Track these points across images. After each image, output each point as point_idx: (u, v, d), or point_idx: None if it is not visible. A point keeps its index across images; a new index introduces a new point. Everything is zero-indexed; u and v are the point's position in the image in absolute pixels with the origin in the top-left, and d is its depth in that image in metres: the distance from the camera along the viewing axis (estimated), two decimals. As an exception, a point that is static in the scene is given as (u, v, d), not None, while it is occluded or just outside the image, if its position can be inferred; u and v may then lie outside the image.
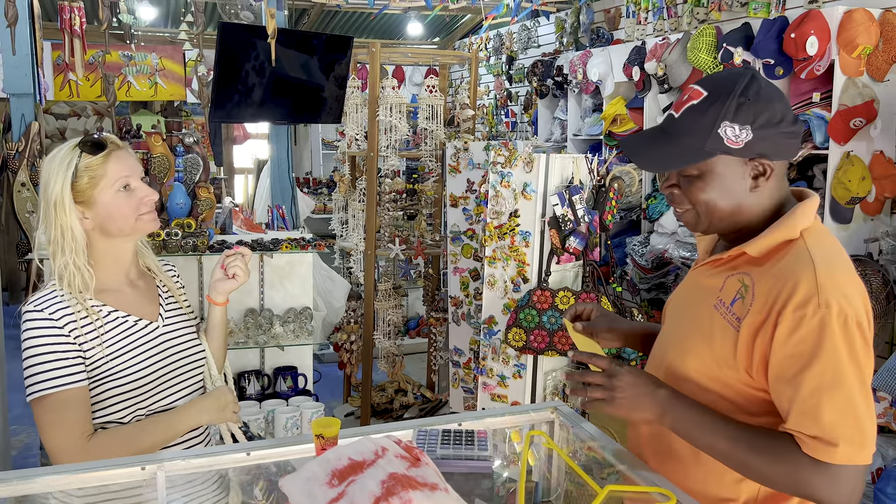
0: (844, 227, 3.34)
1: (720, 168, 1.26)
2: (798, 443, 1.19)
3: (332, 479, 1.17)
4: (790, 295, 1.19)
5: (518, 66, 6.67)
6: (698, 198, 1.29)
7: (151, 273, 1.75)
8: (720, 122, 1.23)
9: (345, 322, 4.41)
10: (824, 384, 1.16)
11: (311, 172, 8.69)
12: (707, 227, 1.33)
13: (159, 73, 6.76)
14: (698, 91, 1.27)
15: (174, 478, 1.37)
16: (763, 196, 1.28)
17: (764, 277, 1.24)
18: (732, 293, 1.28)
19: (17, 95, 3.84)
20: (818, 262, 1.21)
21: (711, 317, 1.30)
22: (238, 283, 1.75)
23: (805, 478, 1.18)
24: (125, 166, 1.59)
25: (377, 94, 3.96)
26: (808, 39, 3.32)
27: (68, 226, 1.54)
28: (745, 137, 1.23)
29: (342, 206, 4.47)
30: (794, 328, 1.18)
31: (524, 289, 2.97)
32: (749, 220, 1.30)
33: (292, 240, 3.48)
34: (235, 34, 3.85)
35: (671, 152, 1.28)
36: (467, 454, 1.37)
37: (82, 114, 8.29)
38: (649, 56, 4.35)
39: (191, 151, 3.42)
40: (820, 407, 1.16)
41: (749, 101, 1.22)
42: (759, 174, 1.27)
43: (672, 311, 1.50)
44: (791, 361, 1.18)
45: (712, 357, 1.29)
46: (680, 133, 1.27)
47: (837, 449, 1.16)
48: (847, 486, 1.17)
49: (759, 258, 1.27)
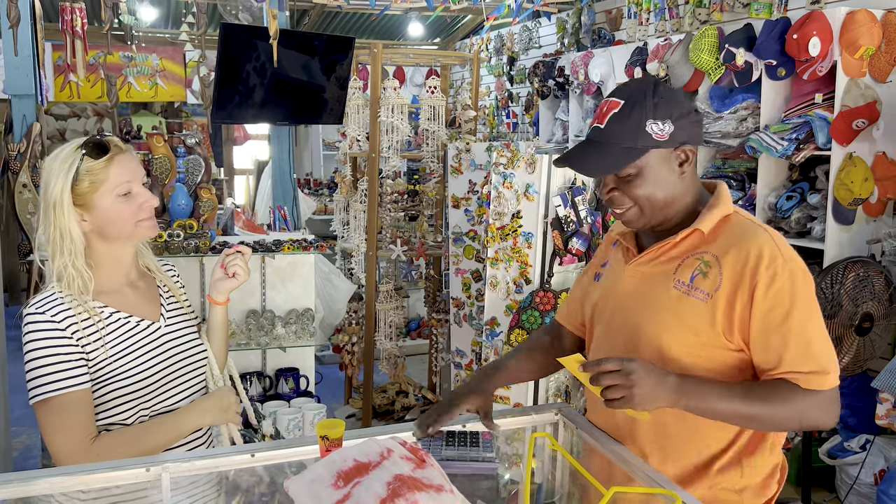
0: (847, 228, 3.34)
1: (653, 161, 1.40)
2: (796, 383, 1.35)
3: (338, 480, 1.16)
4: (759, 256, 1.35)
5: (519, 67, 6.67)
6: (638, 194, 1.42)
7: (152, 273, 1.74)
8: (645, 121, 1.38)
9: (346, 323, 4.40)
10: (806, 324, 1.35)
11: (312, 173, 8.69)
12: (649, 219, 1.45)
13: (160, 74, 6.76)
14: (615, 101, 1.41)
15: (178, 479, 1.37)
16: (688, 184, 1.45)
17: (726, 252, 1.39)
18: (690, 271, 1.41)
19: (19, 96, 3.83)
20: (765, 227, 1.42)
21: (674, 297, 1.42)
22: (238, 281, 1.74)
23: (808, 409, 1.35)
24: (127, 171, 1.58)
25: (379, 95, 3.95)
26: (811, 40, 3.31)
27: (67, 228, 1.53)
28: (669, 129, 1.39)
29: (343, 207, 4.46)
30: (769, 283, 1.34)
31: (526, 290, 2.97)
32: (679, 208, 1.45)
33: (294, 241, 3.48)
34: (237, 35, 3.85)
35: (609, 157, 1.40)
36: (472, 455, 1.37)
37: (82, 115, 8.28)
38: (651, 57, 4.35)
39: (192, 152, 3.42)
40: (810, 344, 1.35)
41: (662, 99, 1.39)
42: (684, 161, 1.43)
43: (615, 307, 1.53)
44: (775, 312, 1.34)
45: (688, 330, 1.40)
46: (611, 139, 1.40)
47: (829, 376, 1.35)
48: (836, 406, 1.38)
49: (708, 235, 1.42)
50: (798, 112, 3.54)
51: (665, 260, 1.46)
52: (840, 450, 3.33)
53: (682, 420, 1.44)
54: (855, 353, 3.03)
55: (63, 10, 3.72)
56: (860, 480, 3.16)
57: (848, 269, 3.00)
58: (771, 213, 3.63)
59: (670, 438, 1.47)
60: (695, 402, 1.34)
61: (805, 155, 3.40)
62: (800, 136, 3.42)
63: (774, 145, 3.47)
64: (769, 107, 3.68)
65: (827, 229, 3.34)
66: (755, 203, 3.72)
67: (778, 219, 3.58)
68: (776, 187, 3.69)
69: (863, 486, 3.17)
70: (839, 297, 2.96)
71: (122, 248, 1.63)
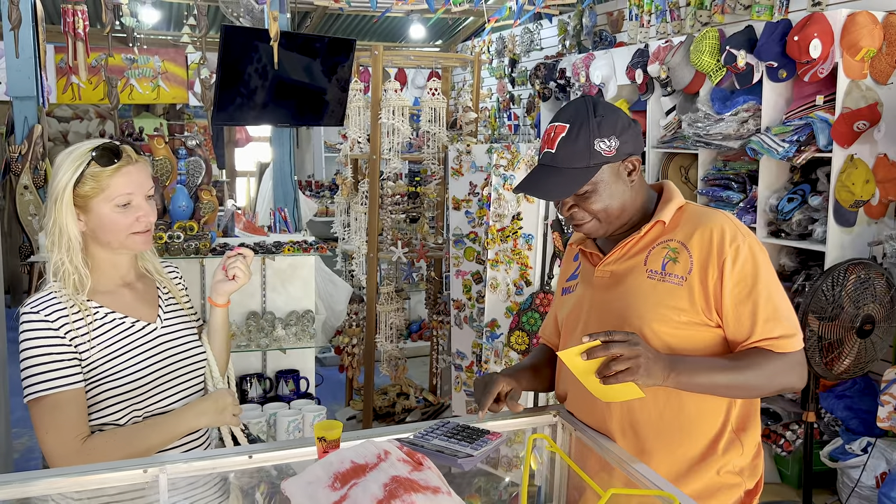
0: (848, 230, 3.33)
1: (605, 176, 1.49)
2: (768, 349, 1.44)
3: (335, 481, 1.16)
4: (721, 235, 1.46)
5: (520, 69, 6.67)
6: (596, 208, 1.51)
7: (151, 275, 1.74)
8: (593, 140, 1.46)
9: (347, 325, 4.40)
10: (771, 291, 1.46)
11: (314, 175, 8.70)
12: (607, 229, 1.55)
13: (161, 76, 6.78)
14: (562, 126, 1.49)
15: (176, 480, 1.36)
16: (637, 189, 1.55)
17: (689, 235, 1.49)
18: (659, 259, 1.50)
19: (21, 98, 3.84)
20: (719, 211, 1.54)
21: (650, 285, 1.50)
22: (239, 284, 1.74)
23: (782, 372, 1.45)
24: (131, 183, 1.57)
25: (380, 97, 3.96)
26: (812, 42, 3.31)
27: (64, 225, 1.54)
28: (615, 144, 1.48)
29: (344, 209, 4.46)
30: (735, 258, 1.45)
31: (527, 292, 2.97)
32: (634, 213, 1.56)
33: (294, 243, 3.48)
34: (238, 37, 3.85)
35: (565, 179, 1.49)
36: (453, 449, 1.36)
37: (84, 117, 8.30)
38: (652, 59, 4.35)
39: (193, 154, 3.43)
40: (777, 310, 1.45)
41: (604, 117, 1.48)
42: (632, 170, 1.52)
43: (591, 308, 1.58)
44: (742, 284, 1.45)
45: (670, 310, 1.47)
46: (564, 163, 1.48)
47: (795, 338, 1.46)
48: (804, 366, 1.49)
49: (668, 225, 1.53)
50: (799, 114, 3.53)
51: (632, 254, 1.55)
52: (841, 452, 3.32)
53: (678, 409, 1.49)
54: (856, 356, 3.02)
55: (65, 12, 3.73)
56: (862, 483, 3.15)
57: (849, 271, 2.99)
58: (772, 215, 3.63)
59: (670, 430, 1.50)
60: (686, 378, 1.41)
61: (806, 157, 3.40)
62: (801, 137, 3.41)
63: (775, 147, 3.46)
64: (770, 109, 3.68)
65: (828, 231, 3.33)
66: (756, 205, 3.71)
67: (779, 221, 3.58)
68: (777, 189, 3.68)
69: (864, 488, 3.16)
70: (840, 300, 2.96)
71: (117, 253, 1.63)
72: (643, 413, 1.51)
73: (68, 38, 3.87)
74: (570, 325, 1.65)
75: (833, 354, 2.98)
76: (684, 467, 1.50)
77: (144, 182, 1.61)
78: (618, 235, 1.58)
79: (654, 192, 1.61)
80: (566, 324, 1.66)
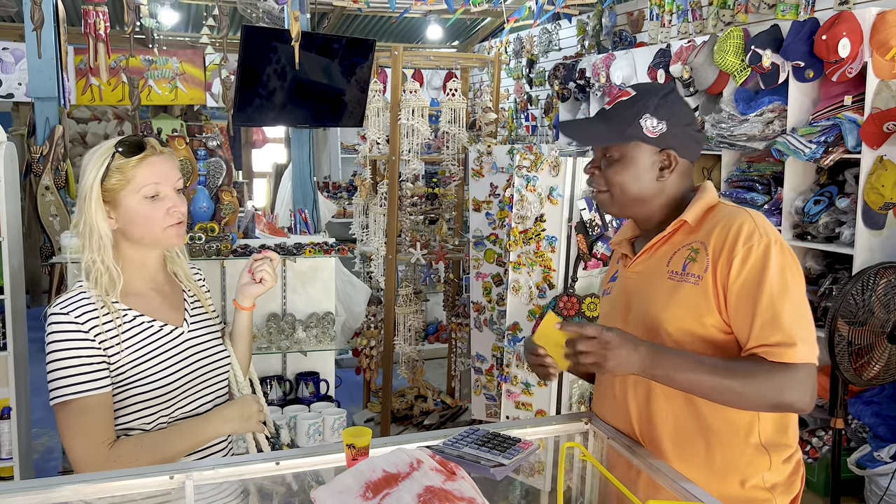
0: (877, 233, 3.27)
1: (637, 154, 1.48)
2: (763, 356, 1.36)
3: (367, 491, 1.13)
4: (737, 234, 1.41)
5: (538, 70, 6.62)
6: (614, 179, 1.50)
7: (178, 279, 1.72)
8: (643, 114, 1.46)
9: (365, 327, 4.38)
10: (776, 295, 1.37)
11: (330, 176, 8.69)
12: (619, 210, 1.55)
13: (180, 77, 6.79)
14: (628, 91, 1.52)
15: (202, 487, 1.34)
16: (667, 189, 1.51)
17: (709, 234, 1.45)
18: (681, 262, 1.47)
19: (42, 99, 3.85)
20: (747, 210, 1.47)
21: (670, 286, 1.47)
22: (265, 287, 1.72)
23: (776, 385, 1.35)
24: (156, 173, 1.55)
25: (399, 98, 3.93)
26: (840, 41, 3.25)
27: (95, 223, 1.52)
28: (661, 129, 1.46)
29: (363, 210, 4.44)
30: (745, 258, 1.39)
31: (550, 295, 2.93)
32: (655, 209, 1.53)
33: (315, 244, 3.46)
34: (258, 38, 3.84)
35: (599, 132, 1.53)
36: (485, 458, 1.33)
37: (102, 118, 8.34)
38: (674, 59, 4.30)
39: (213, 155, 3.41)
40: (778, 314, 1.36)
41: (668, 102, 1.48)
42: (665, 166, 1.50)
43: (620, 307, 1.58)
44: (748, 286, 1.39)
45: (687, 312, 1.44)
46: (608, 120, 1.50)
47: (797, 348, 1.35)
48: (809, 386, 1.37)
49: (694, 226, 1.48)
50: (826, 114, 3.47)
51: (658, 256, 1.53)
52: (869, 460, 3.26)
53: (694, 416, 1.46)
54: (886, 361, 2.96)
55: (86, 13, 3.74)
56: (890, 492, 3.09)
57: (880, 274, 2.93)
58: (798, 218, 3.57)
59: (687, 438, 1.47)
60: (662, 371, 1.37)
61: (834, 158, 3.34)
62: (828, 138, 3.35)
63: (802, 148, 3.41)
64: (796, 109, 3.62)
65: (856, 234, 3.27)
66: (781, 207, 3.65)
67: (805, 223, 3.52)
68: (803, 191, 3.62)
69: (893, 497, 3.10)
70: (871, 304, 2.90)
71: (148, 252, 1.61)
72: (659, 417, 1.49)
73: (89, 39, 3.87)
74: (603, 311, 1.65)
75: (863, 360, 2.92)
76: (702, 477, 1.44)
77: (171, 173, 1.58)
78: (650, 236, 1.55)
79: (693, 193, 1.55)
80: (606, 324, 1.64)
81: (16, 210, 3.38)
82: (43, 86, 3.82)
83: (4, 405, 3.26)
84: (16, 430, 3.26)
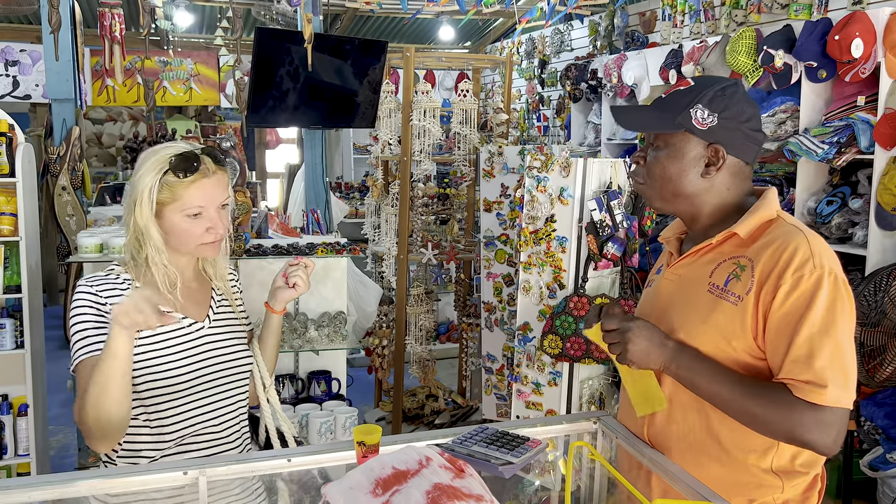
0: (890, 234, 3.25)
1: (683, 146, 1.42)
2: (791, 389, 1.30)
3: (376, 488, 1.15)
4: (790, 259, 1.32)
5: (550, 70, 6.62)
6: (655, 171, 1.45)
7: (207, 276, 1.75)
8: (695, 103, 1.40)
9: (376, 327, 4.40)
10: (815, 332, 1.29)
11: (342, 177, 8.73)
12: (661, 203, 1.49)
13: (194, 78, 6.85)
14: (688, 82, 1.46)
15: (215, 483, 1.37)
16: (715, 188, 1.44)
17: (760, 253, 1.36)
18: (724, 275, 1.39)
19: (59, 100, 3.90)
20: (806, 231, 1.37)
21: (709, 301, 1.40)
22: (297, 293, 1.74)
23: (797, 420, 1.28)
24: (203, 196, 1.59)
25: (411, 99, 3.95)
26: (854, 41, 3.24)
27: (146, 228, 1.58)
28: (711, 122, 1.39)
29: (374, 210, 4.47)
30: (792, 288, 1.30)
31: (560, 295, 2.94)
32: (702, 208, 1.46)
33: (327, 244, 3.49)
34: (271, 39, 3.88)
35: (648, 119, 1.49)
36: (495, 456, 1.34)
37: (118, 119, 8.43)
38: (686, 59, 4.29)
39: (228, 156, 3.45)
40: (813, 353, 1.28)
41: (724, 96, 1.40)
42: (712, 163, 1.42)
43: (657, 308, 1.53)
44: (788, 317, 1.31)
45: (720, 333, 1.38)
46: (661, 107, 1.45)
47: (827, 390, 1.27)
48: (834, 429, 1.28)
49: (745, 239, 1.40)
50: (839, 115, 3.46)
51: (702, 263, 1.46)
52: (882, 462, 3.24)
53: (705, 430, 1.43)
54: (899, 363, 2.95)
55: (102, 15, 3.79)
56: (904, 494, 3.07)
57: (892, 276, 2.92)
58: (810, 218, 3.56)
59: (699, 450, 1.44)
60: (685, 373, 1.36)
61: (847, 159, 3.32)
62: (841, 139, 3.34)
63: (815, 149, 3.39)
64: (809, 109, 3.61)
65: (869, 235, 3.26)
66: (793, 208, 3.64)
67: (818, 224, 3.51)
68: (816, 192, 3.61)
69: (906, 499, 3.08)
70: (883, 305, 2.88)
71: (182, 256, 1.67)
72: (672, 427, 1.47)
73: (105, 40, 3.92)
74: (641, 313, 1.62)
75: (875, 362, 2.91)
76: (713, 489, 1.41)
77: (218, 195, 1.62)
78: (699, 240, 1.48)
79: (753, 199, 1.46)
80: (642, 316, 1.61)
81: (33, 210, 3.43)
82: (60, 87, 3.87)
83: (21, 402, 3.31)
84: (33, 427, 3.31)
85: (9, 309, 3.30)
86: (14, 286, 3.23)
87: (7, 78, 6.21)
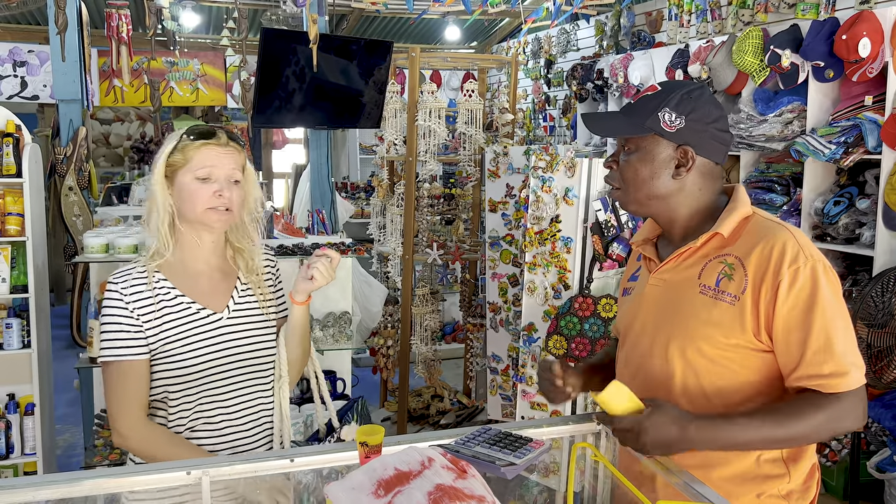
0: (898, 234, 3.24)
1: (653, 148, 1.44)
2: (818, 389, 1.33)
3: (378, 488, 1.15)
4: (781, 254, 1.36)
5: (556, 70, 6.62)
6: (628, 174, 1.47)
7: (235, 265, 1.75)
8: (662, 107, 1.43)
9: (382, 327, 4.41)
10: (827, 320, 1.33)
11: (348, 177, 8.74)
12: (636, 206, 1.50)
13: (201, 78, 6.87)
14: (654, 87, 1.49)
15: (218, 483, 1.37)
16: (689, 189, 1.46)
17: (748, 251, 1.39)
18: (714, 275, 1.42)
19: (66, 101, 3.92)
20: (787, 226, 1.42)
21: (702, 302, 1.42)
22: (315, 284, 1.70)
23: (833, 416, 1.33)
24: (212, 158, 1.63)
25: (416, 99, 3.95)
26: (861, 41, 3.22)
27: (156, 193, 1.64)
28: (679, 124, 1.42)
29: (380, 210, 4.47)
30: (792, 281, 1.34)
31: (565, 296, 2.93)
32: (680, 209, 1.48)
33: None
34: (277, 40, 3.88)
35: (618, 124, 1.53)
36: (498, 457, 1.34)
37: (125, 119, 8.47)
38: (693, 59, 4.28)
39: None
40: (830, 340, 1.33)
41: (691, 98, 1.43)
42: (682, 164, 1.44)
43: (646, 315, 1.54)
44: (797, 310, 1.34)
45: (720, 333, 1.40)
46: (630, 112, 1.48)
47: (849, 375, 1.33)
48: (861, 407, 1.35)
49: (728, 237, 1.43)
50: (847, 115, 3.44)
51: (688, 265, 1.47)
52: (889, 463, 3.22)
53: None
54: (906, 364, 2.93)
55: (109, 16, 3.80)
56: (911, 496, 3.06)
57: (899, 276, 2.90)
58: (817, 219, 3.54)
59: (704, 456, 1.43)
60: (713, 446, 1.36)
61: (854, 159, 3.31)
62: (848, 139, 3.32)
63: (822, 149, 3.38)
64: (816, 109, 3.59)
65: (877, 235, 3.24)
66: (801, 208, 3.62)
67: (825, 224, 3.49)
68: (822, 192, 3.59)
69: (914, 501, 3.06)
70: (891, 306, 2.87)
71: (202, 234, 1.68)
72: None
73: (112, 41, 3.93)
74: (624, 331, 1.62)
75: (882, 363, 2.90)
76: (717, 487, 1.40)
77: (228, 163, 1.65)
78: (676, 242, 1.51)
79: (724, 198, 1.50)
80: (621, 329, 1.63)
81: (40, 210, 3.45)
82: (67, 88, 3.88)
83: (28, 402, 3.33)
84: (39, 427, 3.33)
85: (16, 308, 3.31)
86: (21, 286, 3.24)
87: (15, 79, 6.24)
